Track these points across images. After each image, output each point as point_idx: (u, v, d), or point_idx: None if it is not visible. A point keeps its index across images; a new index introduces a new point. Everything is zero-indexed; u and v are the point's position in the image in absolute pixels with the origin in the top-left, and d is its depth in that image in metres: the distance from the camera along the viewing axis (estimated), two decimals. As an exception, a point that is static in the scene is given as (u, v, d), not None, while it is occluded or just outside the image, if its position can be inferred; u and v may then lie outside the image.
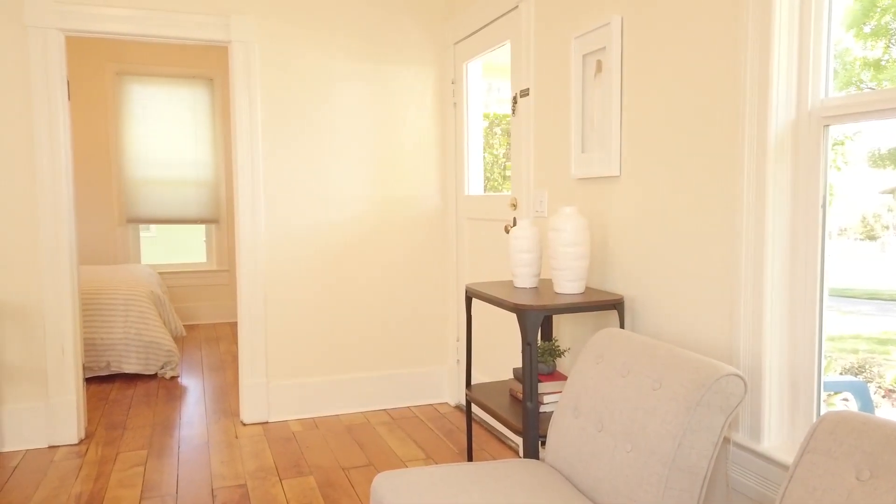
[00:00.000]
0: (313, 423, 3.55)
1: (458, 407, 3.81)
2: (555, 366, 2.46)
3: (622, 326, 2.24)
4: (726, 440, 1.91)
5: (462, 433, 3.39)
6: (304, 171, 3.57)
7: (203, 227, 6.50)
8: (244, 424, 3.53)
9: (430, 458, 3.06)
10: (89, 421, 3.59)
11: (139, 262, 6.26)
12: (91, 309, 4.30)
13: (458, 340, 3.82)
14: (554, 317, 2.75)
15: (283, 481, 2.83)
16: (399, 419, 3.61)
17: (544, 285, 2.51)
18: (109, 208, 6.03)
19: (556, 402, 2.34)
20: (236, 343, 5.47)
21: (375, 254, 3.74)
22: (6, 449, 3.18)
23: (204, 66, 6.18)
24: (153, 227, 6.42)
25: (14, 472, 2.94)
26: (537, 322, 2.13)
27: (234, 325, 6.23)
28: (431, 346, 3.89)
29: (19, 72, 3.10)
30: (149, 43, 3.38)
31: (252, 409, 3.55)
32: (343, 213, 3.66)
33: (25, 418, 3.20)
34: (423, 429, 3.46)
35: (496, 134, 4.86)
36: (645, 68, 2.20)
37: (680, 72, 2.04)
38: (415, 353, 3.85)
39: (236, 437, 3.34)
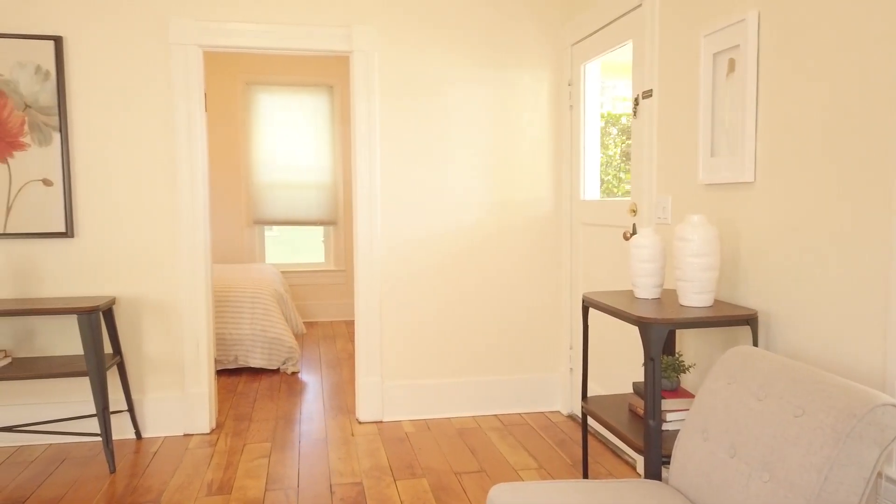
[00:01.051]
0: (425, 425, 3.59)
1: (570, 416, 3.73)
2: (678, 382, 2.34)
3: (755, 344, 2.09)
4: (879, 475, 1.73)
5: (575, 444, 3.31)
6: (420, 175, 3.62)
7: (321, 228, 6.77)
8: (359, 422, 3.63)
9: (543, 468, 3.01)
10: (219, 412, 3.83)
11: (264, 261, 6.62)
12: (222, 306, 4.58)
13: (570, 348, 3.74)
14: (678, 330, 2.62)
15: (397, 482, 2.88)
16: (510, 425, 3.58)
17: (668, 296, 2.40)
18: (238, 210, 6.42)
19: (680, 420, 2.22)
20: (352, 341, 5.66)
21: (489, 258, 3.73)
22: (148, 435, 3.45)
23: (324, 74, 6.44)
24: (276, 227, 6.78)
25: (154, 457, 3.19)
26: (661, 336, 2.03)
27: (349, 324, 6.45)
28: (544, 353, 3.83)
29: (164, 86, 3.35)
30: (276, 55, 3.57)
31: (367, 407, 3.65)
32: (458, 217, 3.68)
33: (164, 407, 3.46)
34: (535, 437, 3.41)
35: (610, 134, 4.71)
36: (785, 66, 2.04)
37: (828, 68, 1.88)
38: (527, 359, 3.81)
39: (352, 435, 3.44)
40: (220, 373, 4.65)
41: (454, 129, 3.64)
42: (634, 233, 2.98)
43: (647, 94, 2.82)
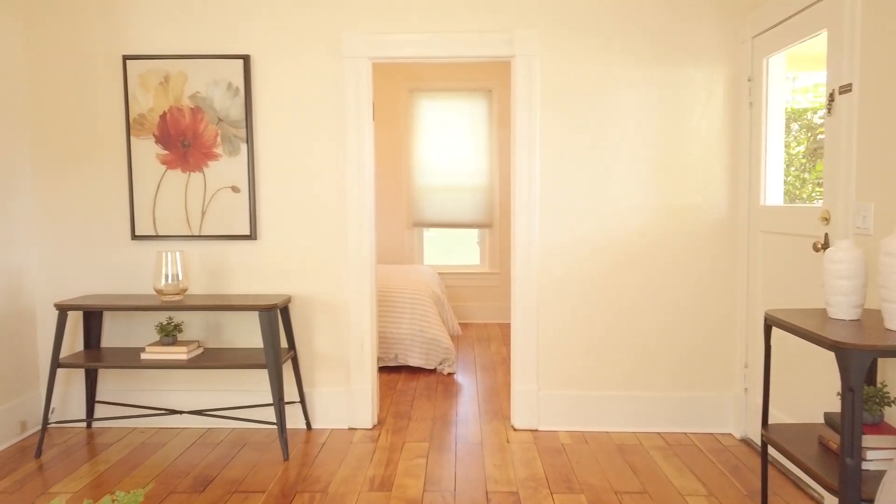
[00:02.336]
0: (583, 438, 3.48)
1: (744, 440, 3.44)
2: (882, 416, 2.05)
3: None
4: None
5: (750, 471, 3.04)
6: (581, 180, 3.52)
7: (477, 230, 6.84)
8: (514, 429, 3.60)
9: (714, 497, 2.79)
10: (381, 408, 3.98)
11: (422, 262, 6.82)
12: (383, 305, 4.77)
13: (745, 367, 3.45)
14: (880, 358, 2.31)
15: (553, 495, 2.82)
16: (675, 445, 3.37)
17: (869, 318, 2.11)
18: (399, 213, 6.66)
19: (885, 459, 1.95)
20: (506, 345, 5.65)
21: (654, 266, 3.54)
22: (317, 426, 3.67)
23: (483, 79, 6.49)
24: (432, 229, 6.96)
25: (322, 448, 3.37)
26: (864, 365, 1.79)
27: (504, 327, 6.46)
28: (715, 370, 3.56)
29: (336, 97, 3.54)
30: (439, 63, 3.66)
31: (523, 415, 3.61)
32: (621, 223, 3.53)
33: (332, 401, 3.66)
34: (703, 460, 3.18)
35: (791, 130, 4.28)
36: None
37: None
38: (696, 376, 3.57)
39: (507, 442, 3.42)
40: (382, 370, 4.85)
41: (616, 132, 3.49)
42: (826, 244, 2.67)
43: (846, 88, 2.52)
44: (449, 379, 4.63)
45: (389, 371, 4.81)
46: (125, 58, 3.52)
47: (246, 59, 3.50)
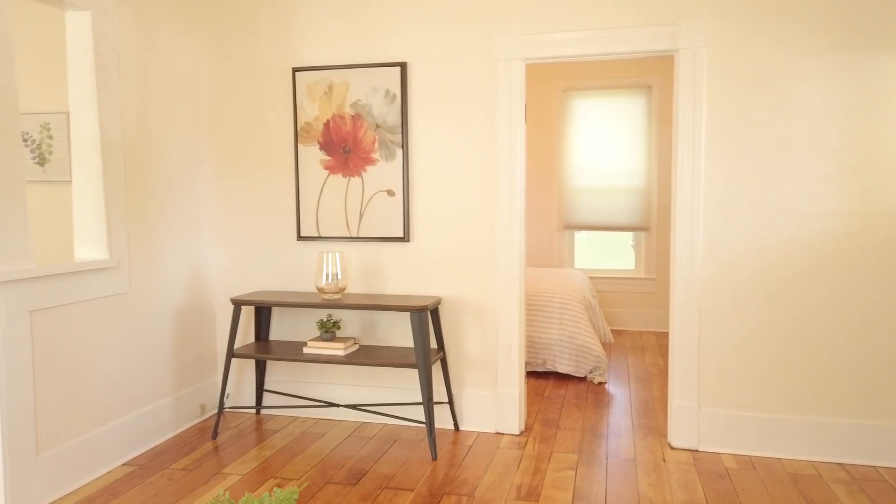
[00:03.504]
0: (749, 463, 3.19)
1: (949, 481, 2.97)
2: None
3: None
4: None
5: (958, 520, 2.61)
6: (752, 181, 3.22)
7: (631, 233, 6.55)
8: (671, 447, 3.38)
9: (911, 544, 2.43)
10: (528, 414, 3.92)
11: (573, 266, 6.66)
12: (532, 309, 4.70)
13: (953, 396, 2.97)
14: None
15: (715, 524, 2.59)
16: (861, 480, 2.98)
17: None
18: (549, 215, 6.56)
19: None
20: (662, 355, 5.35)
21: (842, 278, 3.16)
22: (464, 428, 3.69)
23: (641, 74, 6.20)
24: (584, 231, 6.77)
25: (469, 450, 3.38)
26: None
27: (660, 336, 6.13)
28: (913, 397, 3.11)
29: (488, 100, 3.53)
30: (596, 61, 3.52)
31: (681, 433, 3.38)
32: (800, 228, 3.19)
33: (479, 404, 3.66)
34: (897, 500, 2.78)
35: None
36: None
37: None
38: (888, 402, 3.13)
39: (664, 461, 3.22)
40: (530, 375, 4.78)
41: (794, 128, 3.16)
42: None
43: None
44: (600, 388, 4.46)
45: (537, 376, 4.73)
46: (294, 70, 3.75)
47: (403, 66, 3.60)
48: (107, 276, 3.15)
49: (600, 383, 4.57)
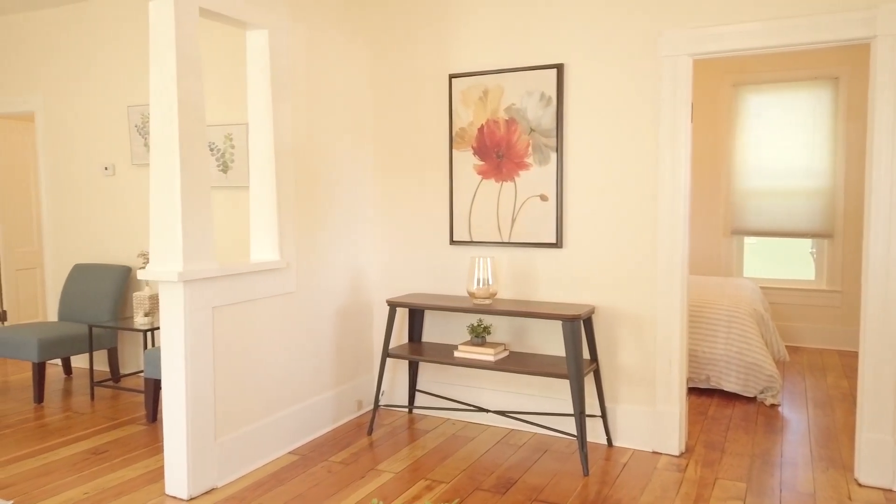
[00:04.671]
0: (961, 512, 2.73)
1: None
2: None
3: None
4: None
5: None
6: (970, 183, 2.76)
7: (811, 240, 5.92)
8: (859, 485, 2.99)
9: None
10: (689, 434, 3.66)
11: (742, 275, 6.16)
12: (695, 321, 4.40)
13: None
14: None
15: (916, 581, 2.24)
16: None
17: None
18: (715, 219, 6.11)
19: None
20: (847, 377, 4.78)
21: None
22: (618, 444, 3.52)
23: (826, 65, 5.59)
24: (755, 238, 6.22)
25: (623, 468, 3.21)
26: None
27: (844, 355, 5.48)
28: None
29: (650, 100, 3.34)
30: (775, 54, 3.18)
31: (871, 468, 2.97)
32: None
33: (634, 420, 3.47)
34: None
35: None
36: None
37: None
38: None
39: (849, 499, 2.85)
40: (691, 391, 4.47)
41: None
42: None
43: None
44: (772, 411, 4.06)
45: (700, 393, 4.42)
46: (451, 76, 3.80)
47: (559, 67, 3.51)
48: (277, 277, 3.38)
49: (773, 405, 4.17)
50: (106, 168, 4.94)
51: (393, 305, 3.66)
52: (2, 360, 5.42)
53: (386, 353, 3.67)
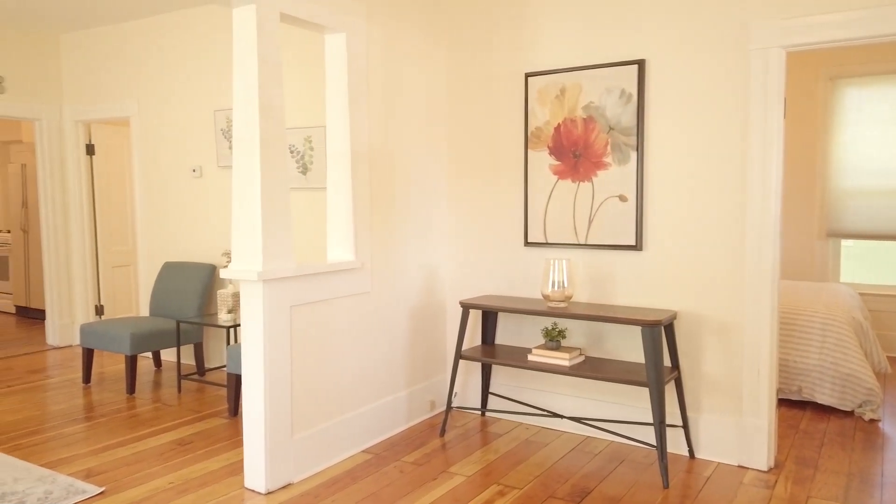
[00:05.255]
0: None
1: None
2: None
3: None
4: None
5: None
6: None
7: (919, 244, 5.48)
8: (974, 512, 2.73)
9: None
10: (778, 449, 3.45)
11: (838, 279, 5.78)
12: (786, 329, 4.15)
13: None
14: None
15: None
16: None
17: None
18: (809, 221, 5.76)
19: None
20: (959, 393, 4.39)
21: None
22: (700, 456, 3.36)
23: (937, 52, 5.16)
24: (852, 240, 5.82)
25: (707, 482, 3.06)
26: None
27: (954, 368, 5.05)
28: None
29: (738, 95, 3.17)
30: (876, 44, 2.93)
31: None
32: None
33: (719, 431, 3.30)
34: None
35: None
36: None
37: None
38: None
39: (963, 528, 2.61)
40: (781, 403, 4.23)
41: None
42: None
43: None
44: (871, 426, 3.78)
45: (790, 405, 4.16)
46: (527, 75, 3.74)
47: (640, 63, 3.39)
48: (353, 276, 3.42)
49: (872, 420, 3.88)
50: (193, 170, 5.16)
51: (466, 307, 3.64)
52: (99, 352, 5.75)
53: (459, 355, 3.64)
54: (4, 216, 8.59)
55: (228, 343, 4.47)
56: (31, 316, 7.48)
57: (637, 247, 3.46)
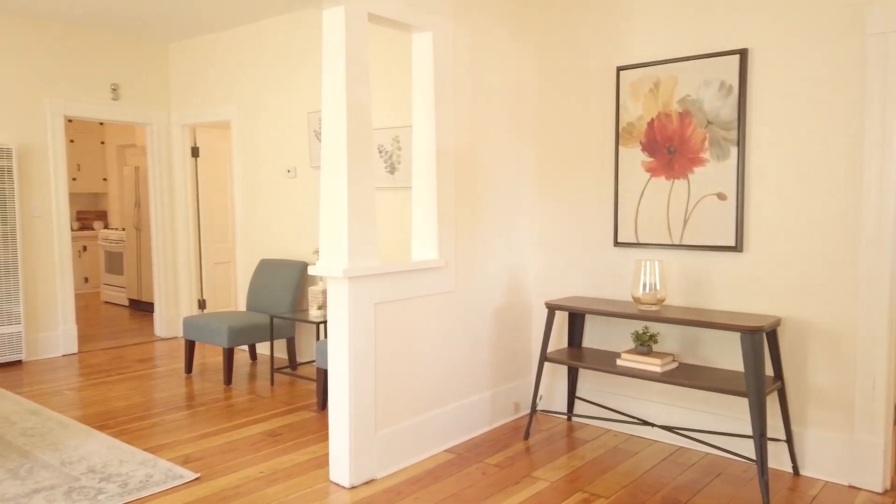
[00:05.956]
0: None
1: None
2: None
3: None
4: None
5: None
6: None
7: None
8: None
9: None
10: (895, 469, 3.16)
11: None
12: (906, 339, 3.79)
13: None
14: None
15: None
16: None
17: None
18: (935, 222, 5.24)
19: None
20: None
21: None
22: (805, 473, 3.12)
23: None
24: None
25: (813, 501, 2.84)
26: None
27: None
28: None
29: (854, 84, 2.92)
30: None
31: None
32: None
33: (827, 448, 3.06)
34: None
35: None
36: None
37: None
38: None
39: None
40: (899, 419, 3.87)
41: None
42: None
43: None
44: None
45: (911, 423, 3.80)
46: (619, 69, 3.61)
47: (742, 53, 3.19)
48: (436, 275, 3.41)
49: None
50: (288, 170, 5.34)
51: (552, 308, 3.55)
52: (200, 344, 6.06)
53: (544, 357, 3.56)
54: (120, 215, 9.24)
55: (318, 338, 4.58)
56: (143, 308, 7.99)
57: (737, 248, 3.26)
